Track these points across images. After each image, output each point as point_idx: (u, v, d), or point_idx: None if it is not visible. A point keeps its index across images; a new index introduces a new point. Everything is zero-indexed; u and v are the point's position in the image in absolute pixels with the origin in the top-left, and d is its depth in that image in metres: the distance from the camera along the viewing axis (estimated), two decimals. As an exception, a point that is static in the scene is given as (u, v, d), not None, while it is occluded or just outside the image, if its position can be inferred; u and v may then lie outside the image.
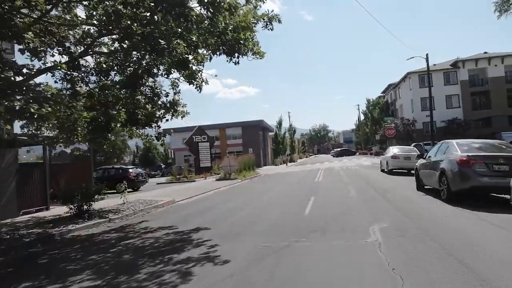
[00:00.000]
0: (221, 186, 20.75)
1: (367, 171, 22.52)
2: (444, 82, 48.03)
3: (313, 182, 17.12)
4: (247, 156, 31.65)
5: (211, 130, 54.30)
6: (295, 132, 75.78)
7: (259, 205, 10.62)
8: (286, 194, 13.29)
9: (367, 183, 14.94)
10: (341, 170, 25.08)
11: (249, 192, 15.56)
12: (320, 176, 20.60)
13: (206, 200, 14.01)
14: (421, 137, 47.59)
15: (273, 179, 23.94)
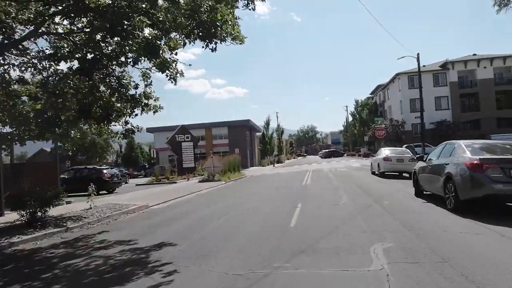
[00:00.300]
0: (203, 188, 19.40)
1: (358, 174, 21.45)
2: (433, 84, 47.60)
3: (300, 186, 15.90)
4: (233, 156, 30.32)
5: (197, 130, 52.75)
6: (283, 133, 74.74)
7: (239, 212, 9.31)
8: (270, 199, 12.01)
9: (359, 187, 13.78)
10: (330, 172, 23.97)
11: (231, 196, 14.24)
12: (308, 179, 19.42)
13: (183, 204, 12.63)
14: (410, 139, 47.06)
15: (258, 181, 22.66)
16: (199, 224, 8.04)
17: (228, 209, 10.21)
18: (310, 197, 11.39)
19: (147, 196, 16.80)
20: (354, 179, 17.62)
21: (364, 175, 20.00)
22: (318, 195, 11.68)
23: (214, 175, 25.12)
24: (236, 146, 50.45)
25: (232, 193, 16.01)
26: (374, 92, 67.05)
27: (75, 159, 68.31)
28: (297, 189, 14.60)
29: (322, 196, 11.43)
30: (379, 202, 9.21)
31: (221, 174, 26.30)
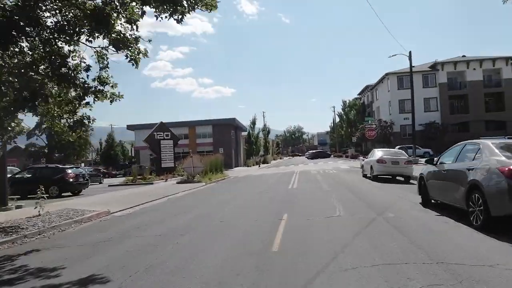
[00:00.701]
0: (179, 191, 17.50)
1: (348, 177, 19.89)
2: (422, 85, 46.72)
3: (286, 190, 14.19)
4: (215, 156, 28.44)
5: (180, 128, 50.62)
6: (269, 133, 73.15)
7: (210, 227, 7.48)
8: (251, 207, 10.23)
9: (353, 192, 12.14)
10: (318, 174, 22.37)
11: (207, 203, 12.41)
12: (295, 182, 17.74)
13: (149, 212, 10.74)
14: (399, 140, 46.07)
15: (241, 183, 20.88)
16: (154, 245, 6.19)
17: (198, 221, 8.38)
18: (298, 205, 9.66)
19: (114, 199, 14.84)
20: (345, 183, 16.03)
21: (356, 178, 18.46)
22: (307, 203, 9.97)
23: (194, 176, 23.23)
24: (220, 146, 48.59)
25: (209, 198, 14.18)
26: (362, 92, 66.11)
27: (52, 157, 65.13)
28: (282, 194, 12.87)
29: (311, 204, 9.72)
30: (383, 214, 7.54)
31: (202, 175, 24.44)
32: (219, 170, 28.45)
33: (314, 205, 9.56)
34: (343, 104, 71.06)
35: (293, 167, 36.87)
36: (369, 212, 7.91)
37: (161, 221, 8.83)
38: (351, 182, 16.52)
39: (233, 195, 14.45)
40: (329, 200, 10.27)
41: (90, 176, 30.48)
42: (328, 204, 9.49)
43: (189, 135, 49.94)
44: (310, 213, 8.19)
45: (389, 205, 8.83)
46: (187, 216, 9.14)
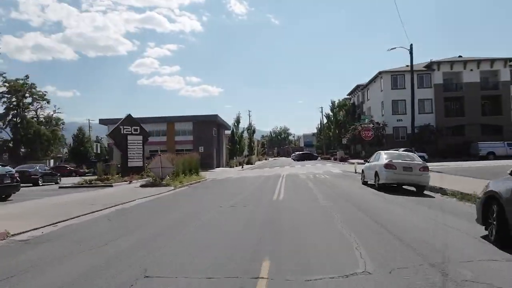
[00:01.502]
0: (136, 198, 13.82)
1: (345, 184, 16.59)
2: (417, 85, 44.02)
3: (270, 203, 10.72)
4: (190, 155, 24.77)
5: (158, 124, 46.65)
6: (254, 132, 69.73)
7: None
8: (212, 238, 6.63)
9: (364, 211, 8.72)
10: (309, 180, 19.01)
11: (158, 222, 8.79)
12: (281, 189, 14.30)
13: (66, 236, 7.09)
14: (392, 143, 43.22)
15: (216, 189, 17.33)
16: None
17: (120, 267, 4.78)
18: (287, 237, 6.15)
19: (41, 210, 11.08)
20: (345, 194, 12.69)
21: (355, 186, 15.16)
22: (301, 233, 6.49)
23: (162, 178, 19.55)
24: (201, 144, 44.84)
25: (166, 212, 10.58)
26: (352, 93, 63.39)
27: (17, 152, 59.89)
28: (264, 211, 9.38)
29: (309, 235, 6.25)
30: (445, 267, 4.13)
31: (173, 176, 20.80)
32: (195, 172, 24.82)
33: (313, 237, 6.10)
34: (332, 104, 68.32)
35: (279, 170, 33.50)
36: (415, 259, 4.47)
37: (71, 256, 5.22)
38: (351, 192, 13.21)
39: (201, 206, 10.92)
40: (334, 225, 6.86)
41: (44, 175, 26.37)
42: (334, 234, 6.07)
43: (167, 132, 46.01)
44: (309, 258, 4.71)
45: (438, 241, 5.43)
46: (111, 252, 5.50)
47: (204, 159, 45.19)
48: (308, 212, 8.75)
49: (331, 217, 7.79)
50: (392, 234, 5.98)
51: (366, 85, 52.68)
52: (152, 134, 46.53)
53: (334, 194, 12.59)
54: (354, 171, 24.36)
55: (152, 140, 46.88)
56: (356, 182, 16.98)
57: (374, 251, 4.90)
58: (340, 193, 12.90)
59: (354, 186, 15.20)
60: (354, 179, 18.87)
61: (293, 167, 38.79)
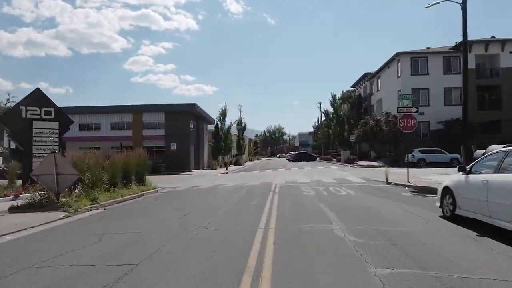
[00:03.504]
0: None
1: (402, 214, 7.90)
2: (443, 70, 35.83)
3: None
4: (127, 155, 15.92)
5: (122, 114, 37.64)
6: (245, 129, 60.95)
7: None
8: None
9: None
10: (319, 199, 10.30)
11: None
12: (269, 225, 5.76)
13: None
14: (410, 141, 34.93)
15: (148, 219, 8.41)
16: None
17: None
18: None
19: None
20: (430, 252, 4.09)
21: (436, 225, 6.53)
22: None
23: (58, 193, 10.83)
24: (175, 140, 36.11)
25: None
26: (357, 83, 54.99)
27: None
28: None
29: None
30: None
31: (88, 189, 12.17)
32: (139, 179, 16.14)
33: None
34: (333, 98, 59.91)
35: (271, 174, 24.91)
36: None
37: None
38: (441, 246, 4.60)
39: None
40: None
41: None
42: None
43: (133, 124, 37.12)
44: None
45: None
46: None
47: (177, 158, 36.39)
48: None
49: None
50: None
51: (376, 73, 44.27)
52: (115, 127, 37.75)
53: (407, 258, 3.98)
54: (385, 181, 15.89)
55: (113, 134, 37.95)
56: (424, 209, 8.39)
57: None
58: (419, 254, 4.28)
59: (434, 224, 6.55)
60: (407, 200, 10.33)
61: (288, 170, 30.18)
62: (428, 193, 12.52)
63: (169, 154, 35.93)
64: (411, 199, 10.38)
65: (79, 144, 34.90)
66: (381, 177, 18.12)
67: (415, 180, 15.81)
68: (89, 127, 37.63)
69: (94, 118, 37.53)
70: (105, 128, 37.37)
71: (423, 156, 29.53)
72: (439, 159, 29.06)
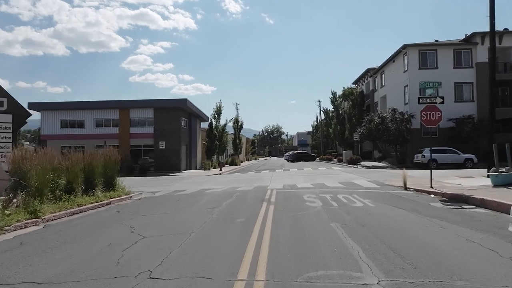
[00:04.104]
0: None
1: (452, 240, 5.28)
2: (453, 64, 33.27)
3: None
4: (91, 154, 13.13)
5: (109, 110, 34.84)
6: (242, 128, 58.28)
7: None
8: None
9: None
10: (331, 215, 7.63)
11: None
12: (257, 272, 3.12)
13: None
14: (418, 140, 32.43)
15: (81, 251, 5.59)
16: None
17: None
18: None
19: None
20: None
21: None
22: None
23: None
24: (165, 138, 33.47)
25: None
26: (359, 80, 52.43)
27: None
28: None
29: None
30: None
31: (33, 198, 9.50)
32: (109, 183, 13.47)
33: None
34: (333, 96, 57.29)
35: (267, 176, 22.31)
36: None
37: None
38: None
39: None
40: None
41: None
42: None
43: (120, 121, 34.39)
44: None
45: None
46: None
47: (167, 158, 33.73)
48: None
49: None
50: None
51: (380, 68, 41.69)
52: (100, 124, 35.02)
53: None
54: (402, 186, 13.29)
55: (98, 132, 35.24)
56: (482, 233, 5.79)
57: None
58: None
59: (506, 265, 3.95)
60: (446, 215, 7.76)
61: (287, 171, 27.57)
62: (463, 203, 9.95)
63: (158, 154, 33.29)
64: (451, 214, 7.77)
65: (61, 142, 32.24)
66: (395, 181, 15.53)
67: (438, 185, 13.22)
68: (72, 124, 34.89)
69: (78, 115, 34.80)
70: (90, 125, 34.66)
71: (435, 156, 26.91)
72: (452, 159, 26.50)
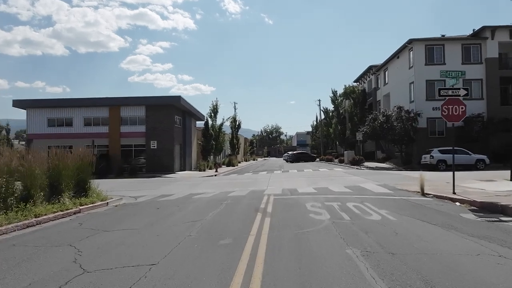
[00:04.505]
0: None
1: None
2: (461, 59, 31.55)
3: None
4: (59, 154, 11.29)
5: (99, 108, 32.95)
6: (240, 127, 56.47)
7: None
8: None
9: None
10: (344, 235, 5.85)
11: None
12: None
13: None
14: (425, 140, 30.73)
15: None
16: None
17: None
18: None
19: None
20: None
21: None
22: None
23: None
24: (157, 137, 31.66)
25: None
26: (361, 78, 50.72)
27: None
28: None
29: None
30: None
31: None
32: (81, 188, 11.67)
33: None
34: (333, 94, 55.56)
35: (265, 178, 20.53)
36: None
37: None
38: None
39: None
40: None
41: None
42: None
43: (110, 120, 32.55)
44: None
45: None
46: None
47: (159, 158, 31.94)
48: None
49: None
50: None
51: (383, 65, 39.95)
52: (89, 123, 33.19)
53: None
54: (419, 192, 11.56)
55: (87, 131, 33.29)
56: None
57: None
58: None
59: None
60: (491, 234, 6.01)
61: (286, 173, 25.81)
62: (499, 214, 8.22)
63: (150, 154, 31.49)
64: (497, 232, 6.03)
65: (48, 142, 30.35)
66: (407, 185, 13.78)
67: (458, 189, 11.46)
68: (60, 122, 33.02)
69: (66, 112, 32.94)
70: (78, 124, 32.79)
71: (444, 157, 25.21)
72: (463, 160, 24.77)
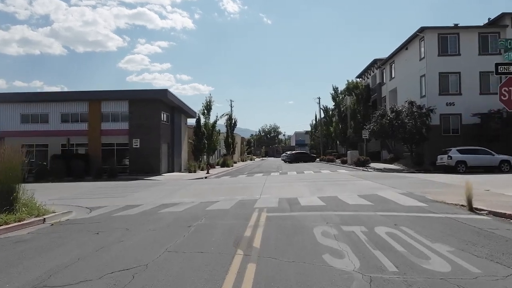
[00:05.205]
0: None
1: None
2: (478, 50, 28.58)
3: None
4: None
5: (77, 103, 29.73)
6: (235, 125, 53.35)
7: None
8: None
9: None
10: None
11: None
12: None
13: None
14: (437, 138, 27.75)
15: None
16: None
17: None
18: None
19: None
20: None
21: None
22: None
23: None
24: (141, 135, 28.54)
25: None
26: (364, 73, 47.71)
27: None
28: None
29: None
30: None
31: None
32: (5, 199, 8.61)
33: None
34: (335, 91, 52.66)
35: (260, 182, 17.44)
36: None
37: None
38: None
39: None
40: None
41: None
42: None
43: (89, 116, 29.40)
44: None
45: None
46: None
47: (144, 159, 28.64)
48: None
49: None
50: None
51: (389, 58, 36.91)
52: (66, 119, 30.02)
53: None
54: (464, 205, 8.48)
55: (64, 128, 29.99)
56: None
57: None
58: None
59: None
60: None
61: (284, 176, 22.74)
62: None
63: (133, 153, 28.37)
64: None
65: (22, 140, 27.06)
66: (439, 194, 10.70)
67: (503, 200, 8.41)
68: (34, 118, 29.85)
69: (41, 108, 29.77)
70: (55, 120, 29.63)
71: (464, 157, 22.19)
72: (485, 161, 21.81)
